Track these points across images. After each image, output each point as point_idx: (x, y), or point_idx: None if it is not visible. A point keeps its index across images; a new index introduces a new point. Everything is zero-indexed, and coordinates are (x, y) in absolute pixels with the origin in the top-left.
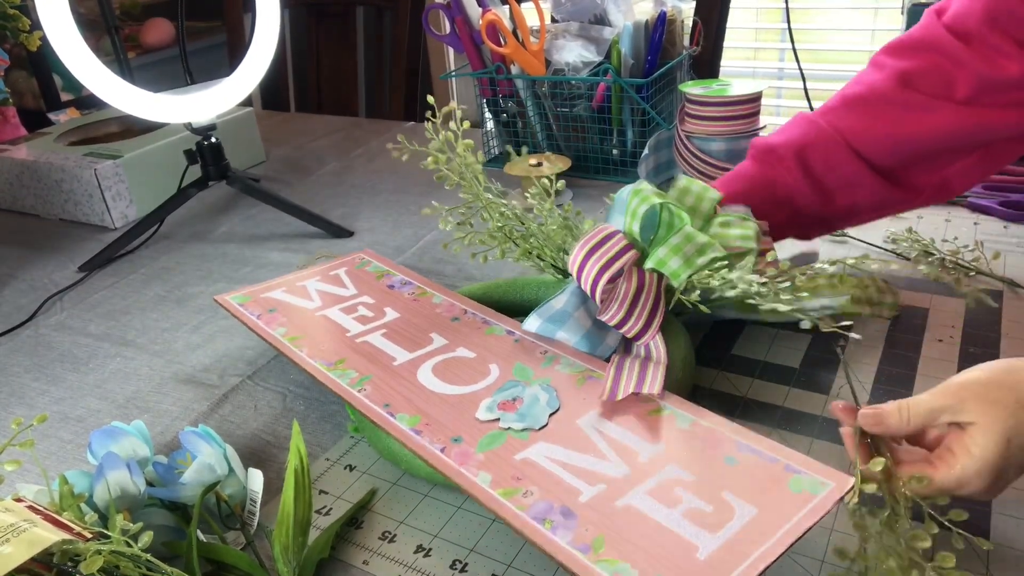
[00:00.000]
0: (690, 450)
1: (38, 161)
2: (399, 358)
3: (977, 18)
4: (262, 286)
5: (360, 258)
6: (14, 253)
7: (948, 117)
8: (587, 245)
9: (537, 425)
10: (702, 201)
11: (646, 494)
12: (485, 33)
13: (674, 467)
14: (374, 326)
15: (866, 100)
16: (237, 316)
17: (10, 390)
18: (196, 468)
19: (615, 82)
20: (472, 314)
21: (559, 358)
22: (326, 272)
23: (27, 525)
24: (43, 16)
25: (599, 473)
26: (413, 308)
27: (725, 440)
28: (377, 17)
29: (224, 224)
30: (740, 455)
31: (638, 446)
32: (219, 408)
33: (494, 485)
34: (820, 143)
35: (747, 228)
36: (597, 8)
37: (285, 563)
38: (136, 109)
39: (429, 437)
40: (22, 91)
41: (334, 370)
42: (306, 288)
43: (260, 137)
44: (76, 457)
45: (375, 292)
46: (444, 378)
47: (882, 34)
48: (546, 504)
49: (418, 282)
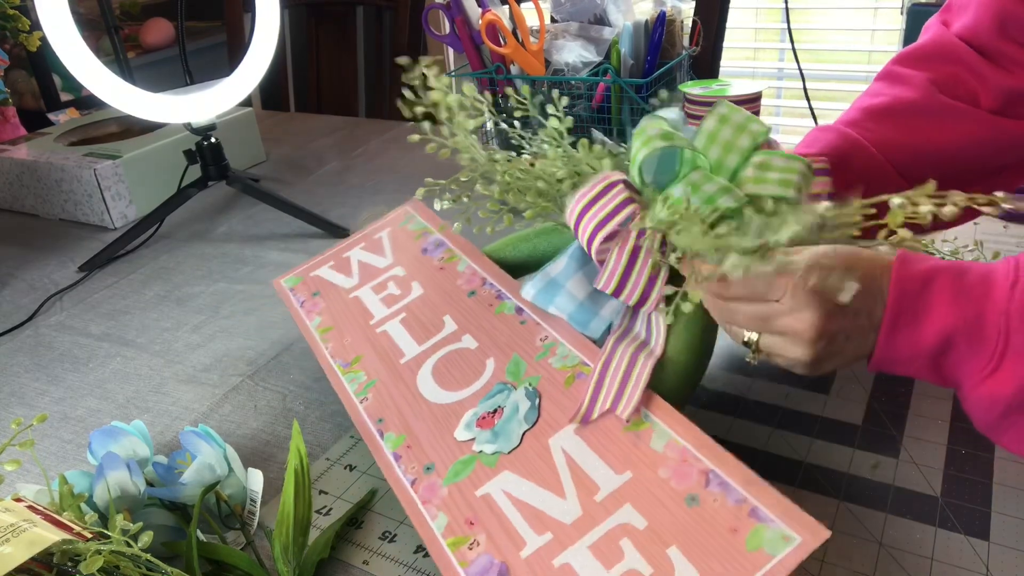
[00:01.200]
0: (653, 484)
1: (38, 161)
2: (408, 353)
3: (988, 28)
4: (312, 263)
5: (406, 213)
6: (14, 253)
7: (984, 125)
8: (586, 196)
9: (507, 448)
10: (741, 134)
11: (588, 548)
12: (485, 33)
13: (629, 510)
14: (397, 308)
15: (895, 111)
16: (286, 303)
17: (10, 390)
18: (196, 468)
19: (615, 82)
20: (490, 285)
21: (556, 347)
22: (371, 235)
23: (27, 525)
24: (43, 16)
25: (549, 518)
26: (437, 280)
27: (695, 471)
28: (377, 17)
29: (224, 224)
30: (705, 492)
31: (601, 477)
32: (219, 408)
33: (447, 532)
34: (858, 154)
35: (790, 168)
36: (597, 8)
37: (285, 563)
38: (136, 109)
39: (405, 464)
40: (22, 91)
41: (347, 372)
42: (349, 261)
43: (260, 137)
44: (76, 457)
45: (408, 260)
46: (440, 380)
47: (881, 34)
48: (487, 560)
49: (451, 242)
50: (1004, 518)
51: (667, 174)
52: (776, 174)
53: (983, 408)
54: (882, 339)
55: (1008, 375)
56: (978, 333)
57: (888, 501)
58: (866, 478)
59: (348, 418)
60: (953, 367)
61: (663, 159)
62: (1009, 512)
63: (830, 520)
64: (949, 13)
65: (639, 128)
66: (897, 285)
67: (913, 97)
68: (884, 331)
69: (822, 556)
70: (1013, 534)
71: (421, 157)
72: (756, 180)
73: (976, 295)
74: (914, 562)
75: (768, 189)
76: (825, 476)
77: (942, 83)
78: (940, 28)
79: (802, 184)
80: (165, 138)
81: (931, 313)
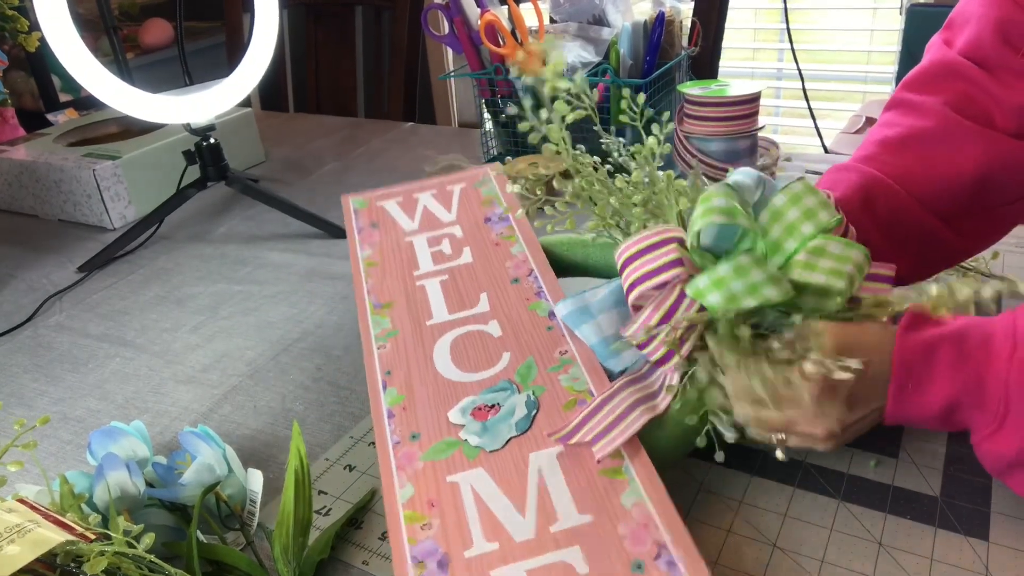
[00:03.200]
0: (608, 539)
1: (37, 162)
2: (435, 316)
3: (991, 40)
4: (382, 191)
5: (484, 174)
6: (13, 253)
7: (1002, 146)
8: (639, 244)
9: (491, 447)
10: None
11: (525, 572)
12: (484, 34)
13: (577, 552)
14: (442, 268)
15: (912, 141)
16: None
17: (10, 390)
18: (196, 468)
19: (614, 82)
20: (535, 278)
21: (571, 366)
22: (444, 185)
23: (32, 526)
24: (42, 17)
25: (503, 529)
26: (488, 255)
27: (650, 539)
28: (376, 17)
29: (223, 224)
30: (652, 564)
31: (564, 510)
32: (219, 408)
33: (408, 504)
34: (881, 193)
35: (844, 257)
36: (596, 8)
37: (285, 563)
38: (135, 110)
39: (396, 425)
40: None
41: (376, 314)
42: (416, 203)
43: (259, 137)
44: (76, 458)
45: (468, 224)
46: (455, 356)
47: (880, 34)
48: (432, 546)
49: (515, 221)
50: (1004, 518)
51: (726, 242)
52: (829, 262)
53: (990, 460)
54: (890, 409)
55: (1010, 437)
56: (980, 396)
57: (888, 501)
58: (866, 478)
59: (348, 418)
60: (962, 422)
61: (723, 231)
62: (1009, 512)
63: (830, 520)
64: (951, 30)
65: (705, 195)
66: (900, 356)
67: (928, 125)
68: (891, 402)
69: (822, 556)
70: (1013, 534)
71: (420, 158)
72: (806, 266)
73: (976, 360)
74: (914, 562)
75: (816, 278)
76: (825, 476)
77: (955, 104)
78: (943, 48)
79: (855, 275)
80: (164, 138)
81: (934, 383)
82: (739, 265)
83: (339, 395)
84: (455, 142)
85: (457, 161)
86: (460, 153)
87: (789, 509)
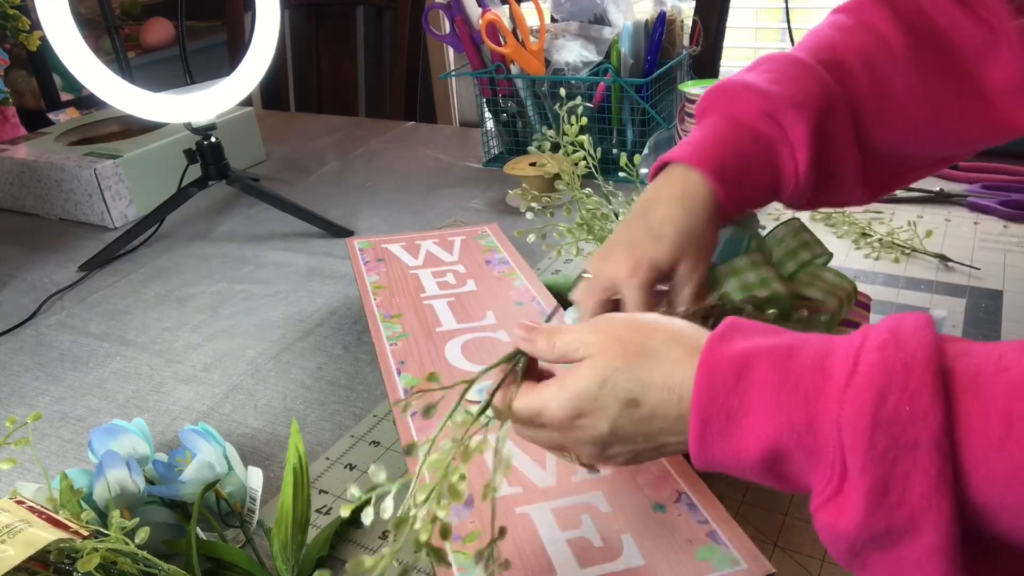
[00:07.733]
0: (628, 486)
1: (38, 161)
2: (445, 325)
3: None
4: (384, 237)
5: (483, 231)
6: (14, 253)
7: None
8: None
9: None
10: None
11: (550, 510)
12: (485, 33)
13: (599, 495)
14: (448, 292)
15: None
16: (352, 259)
17: (10, 389)
18: (196, 466)
19: (615, 82)
20: (538, 303)
21: None
22: (446, 236)
23: (23, 525)
24: (43, 16)
25: (525, 477)
26: (491, 285)
27: (669, 488)
28: (377, 17)
29: (224, 224)
30: (673, 505)
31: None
32: (219, 407)
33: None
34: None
35: (839, 285)
36: (597, 8)
37: (284, 561)
38: (136, 109)
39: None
40: (22, 91)
41: (386, 321)
42: (419, 247)
43: (260, 137)
44: (76, 456)
45: (471, 263)
46: (467, 353)
47: None
48: None
49: (515, 263)
50: None
51: (731, 255)
52: (825, 285)
53: (828, 537)
54: (693, 448)
55: (848, 505)
56: (812, 443)
57: None
58: None
59: (348, 417)
60: (795, 478)
61: (731, 241)
62: None
63: None
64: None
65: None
66: (704, 378)
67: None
68: (693, 439)
69: (822, 556)
70: None
71: (421, 157)
72: (804, 286)
73: (805, 390)
74: None
75: (813, 292)
76: None
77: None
78: None
79: (844, 302)
80: (165, 138)
81: (748, 416)
82: (735, 267)
83: (339, 394)
84: (456, 141)
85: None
86: (461, 152)
87: (789, 509)
